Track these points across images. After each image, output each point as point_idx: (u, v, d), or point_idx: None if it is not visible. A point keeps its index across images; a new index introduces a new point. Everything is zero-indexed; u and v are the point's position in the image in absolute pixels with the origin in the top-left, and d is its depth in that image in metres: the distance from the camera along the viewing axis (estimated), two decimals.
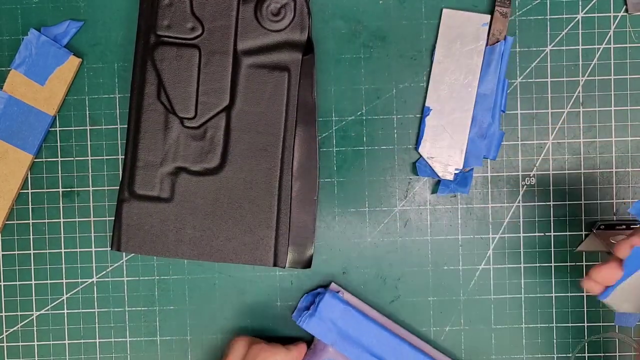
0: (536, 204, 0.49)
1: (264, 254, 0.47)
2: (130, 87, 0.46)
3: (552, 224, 0.49)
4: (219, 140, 0.46)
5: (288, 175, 0.47)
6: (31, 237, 0.49)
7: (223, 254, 0.47)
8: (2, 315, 0.49)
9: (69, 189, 0.49)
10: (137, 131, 0.46)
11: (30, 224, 0.49)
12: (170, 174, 0.46)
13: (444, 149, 0.47)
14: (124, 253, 0.49)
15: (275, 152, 0.47)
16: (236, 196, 0.47)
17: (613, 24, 0.48)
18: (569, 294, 0.49)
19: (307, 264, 0.47)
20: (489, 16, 0.47)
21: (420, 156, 0.48)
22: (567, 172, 0.48)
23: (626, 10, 0.48)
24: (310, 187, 0.47)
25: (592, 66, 0.48)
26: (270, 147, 0.46)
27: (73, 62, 0.48)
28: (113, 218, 0.48)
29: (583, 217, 0.49)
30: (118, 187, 0.47)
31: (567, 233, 0.49)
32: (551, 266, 0.49)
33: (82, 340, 0.49)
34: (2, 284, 0.49)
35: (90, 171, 0.49)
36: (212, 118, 0.46)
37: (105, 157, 0.49)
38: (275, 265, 0.47)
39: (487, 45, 0.47)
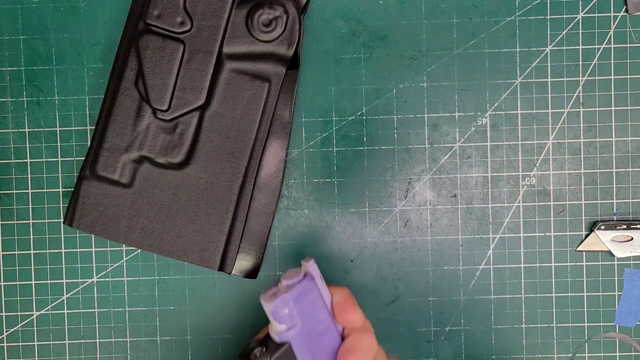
0: (536, 204, 0.49)
1: (212, 257, 0.46)
2: (112, 68, 0.46)
3: (552, 224, 0.49)
4: (188, 137, 0.46)
5: (250, 184, 0.46)
6: (31, 237, 0.49)
7: (171, 250, 0.46)
8: (2, 315, 0.49)
9: (69, 189, 0.49)
10: (109, 113, 0.46)
11: (30, 224, 0.49)
12: (134, 161, 0.46)
13: None
14: (124, 253, 0.49)
15: (242, 159, 0.46)
16: (195, 195, 0.46)
17: (613, 24, 0.48)
18: (569, 294, 0.49)
19: (254, 274, 0.48)
20: None
21: None
22: (567, 172, 0.48)
23: (626, 10, 0.48)
24: (271, 200, 0.48)
25: (592, 66, 0.48)
26: (237, 153, 0.46)
27: None
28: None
29: (583, 217, 0.49)
30: None
31: (567, 233, 0.49)
32: (551, 266, 0.49)
33: (82, 340, 0.49)
34: (2, 284, 0.49)
35: None
36: (185, 114, 0.46)
37: None
38: (220, 269, 0.46)
39: None
